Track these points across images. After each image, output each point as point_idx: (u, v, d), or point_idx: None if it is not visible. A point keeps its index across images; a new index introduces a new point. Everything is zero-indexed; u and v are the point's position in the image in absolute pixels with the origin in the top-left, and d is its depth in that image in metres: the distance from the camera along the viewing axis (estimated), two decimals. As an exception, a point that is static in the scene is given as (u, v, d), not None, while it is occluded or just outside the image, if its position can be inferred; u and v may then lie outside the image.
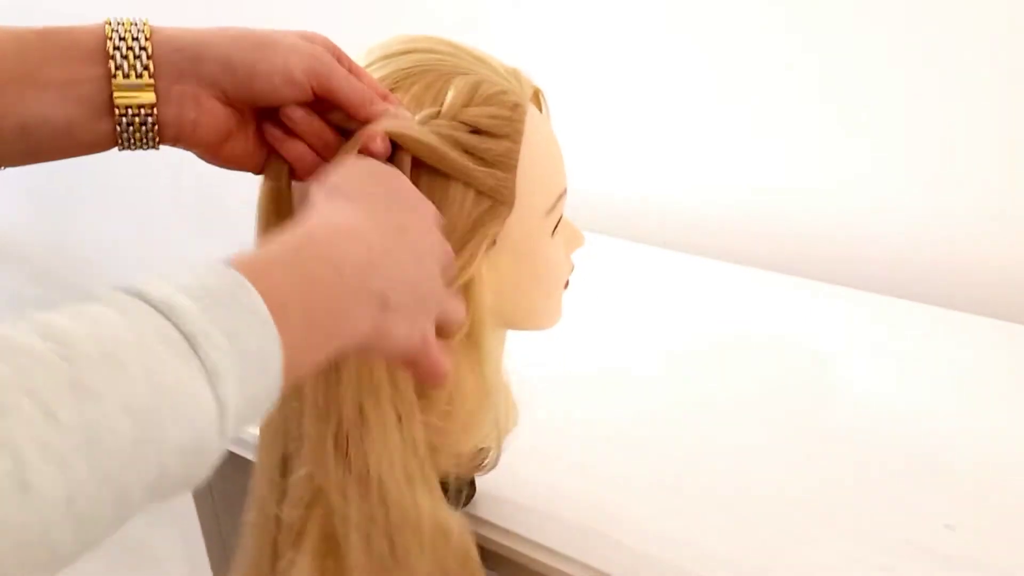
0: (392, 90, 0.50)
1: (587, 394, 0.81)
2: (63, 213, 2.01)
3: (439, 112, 0.48)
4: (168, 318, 0.30)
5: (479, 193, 0.49)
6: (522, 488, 0.67)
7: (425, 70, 0.50)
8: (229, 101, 0.45)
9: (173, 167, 1.68)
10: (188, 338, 0.30)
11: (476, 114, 0.49)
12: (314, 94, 0.46)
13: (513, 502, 0.65)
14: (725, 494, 0.67)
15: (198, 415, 0.29)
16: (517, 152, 0.51)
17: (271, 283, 0.33)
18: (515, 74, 0.54)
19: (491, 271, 0.53)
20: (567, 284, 0.61)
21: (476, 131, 0.49)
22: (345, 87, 0.46)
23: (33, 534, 0.25)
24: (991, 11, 0.89)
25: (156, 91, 0.43)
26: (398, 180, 0.45)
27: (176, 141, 0.46)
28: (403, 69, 0.50)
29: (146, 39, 0.43)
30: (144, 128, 0.44)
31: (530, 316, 0.59)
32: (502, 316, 0.58)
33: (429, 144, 0.47)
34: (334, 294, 0.36)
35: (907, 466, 0.70)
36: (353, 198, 0.41)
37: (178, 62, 0.44)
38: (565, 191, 0.56)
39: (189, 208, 1.73)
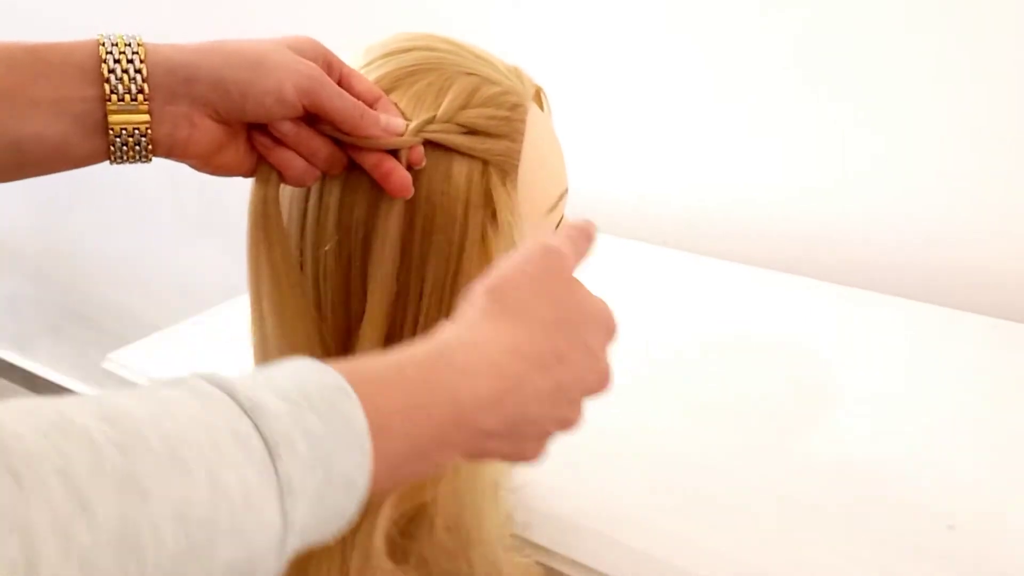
0: (392, 89, 0.50)
1: (587, 394, 0.81)
2: (63, 213, 2.01)
3: (435, 117, 0.48)
4: (251, 417, 0.27)
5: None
6: (520, 487, 0.67)
7: (427, 69, 0.50)
8: (221, 119, 0.46)
9: (173, 168, 1.68)
10: (268, 444, 0.26)
11: (475, 115, 0.49)
12: (304, 110, 0.46)
13: (508, 500, 0.65)
14: (725, 493, 0.67)
15: (259, 534, 0.26)
16: (518, 151, 0.50)
17: (379, 401, 0.31)
18: (516, 73, 0.54)
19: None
20: None
21: (474, 132, 0.49)
22: (336, 104, 0.46)
23: None
24: (991, 10, 0.89)
25: (150, 112, 0.44)
26: (575, 293, 0.41)
27: (168, 155, 0.47)
28: (404, 67, 0.50)
29: (140, 61, 0.43)
30: (137, 146, 0.45)
31: None
32: None
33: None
34: (444, 431, 0.33)
35: (907, 466, 0.70)
36: (514, 314, 0.38)
37: (171, 84, 0.44)
38: (566, 190, 0.56)
39: (189, 209, 1.73)
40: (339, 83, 0.48)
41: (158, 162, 0.50)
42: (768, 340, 0.91)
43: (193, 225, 1.75)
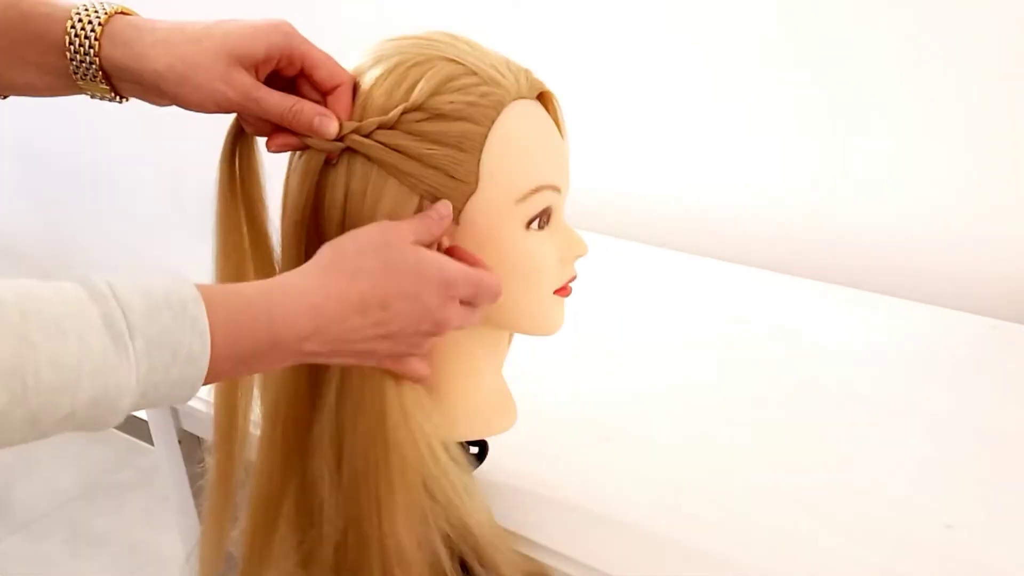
0: (374, 67, 0.54)
1: (585, 393, 0.81)
2: (63, 213, 2.02)
3: (378, 122, 0.53)
4: (122, 309, 0.39)
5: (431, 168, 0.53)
6: (520, 486, 0.67)
7: (416, 55, 0.54)
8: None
9: (174, 169, 1.68)
10: (129, 326, 0.39)
11: (440, 100, 0.53)
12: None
13: (510, 500, 0.65)
14: (724, 494, 0.67)
15: (112, 382, 0.38)
16: (480, 135, 0.54)
17: (212, 316, 0.42)
18: (514, 69, 0.56)
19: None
20: (568, 291, 0.61)
21: (436, 116, 0.53)
22: (268, 111, 0.53)
23: None
24: (991, 11, 0.89)
25: (110, 85, 0.53)
26: (409, 255, 0.50)
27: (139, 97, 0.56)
28: (395, 53, 0.55)
29: (95, 54, 0.51)
30: (109, 98, 0.55)
31: (513, 316, 0.60)
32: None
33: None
34: (262, 348, 0.45)
35: (907, 465, 0.71)
36: (344, 268, 0.48)
37: (122, 75, 0.53)
38: (550, 188, 0.57)
39: (190, 210, 1.73)
40: (301, 70, 0.54)
41: (159, 163, 0.52)
42: (768, 340, 0.91)
43: (193, 226, 1.75)
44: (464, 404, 0.61)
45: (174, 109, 0.56)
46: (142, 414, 0.93)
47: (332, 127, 0.53)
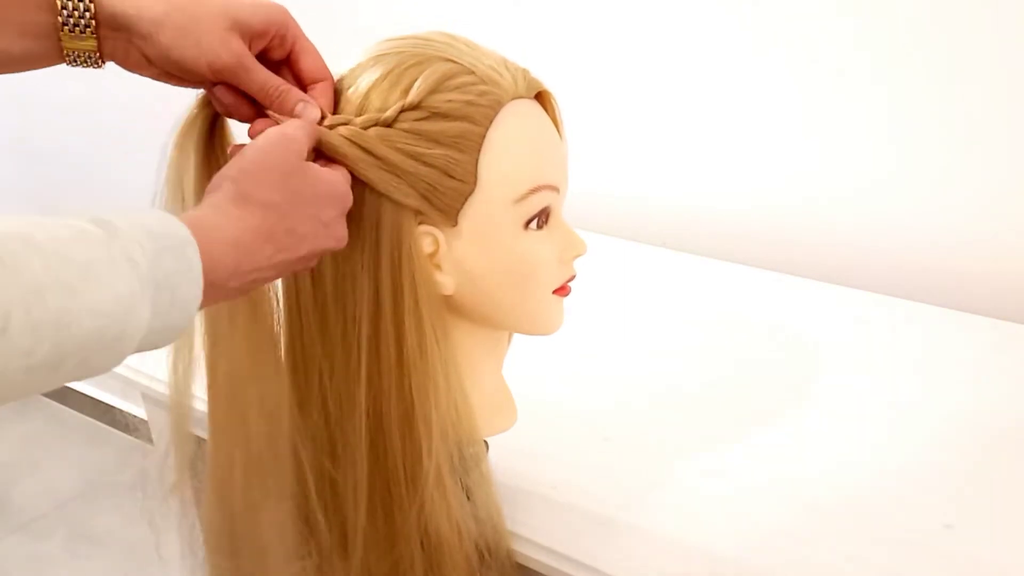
0: (388, 65, 0.54)
1: (585, 393, 0.81)
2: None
3: (378, 119, 0.53)
4: (141, 250, 0.39)
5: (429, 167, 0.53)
6: (520, 486, 0.67)
7: (413, 55, 0.54)
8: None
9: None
10: (141, 269, 0.38)
11: (438, 100, 0.53)
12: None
13: (510, 500, 0.65)
14: (724, 494, 0.67)
15: (131, 321, 0.38)
16: (478, 134, 0.54)
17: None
18: (512, 69, 0.56)
19: (452, 252, 0.56)
20: (567, 290, 0.61)
21: (434, 115, 0.53)
22: (252, 86, 0.53)
23: None
24: (991, 12, 0.89)
25: (98, 38, 0.51)
26: (307, 175, 0.49)
27: (120, 65, 0.54)
28: (395, 52, 0.55)
29: (90, 1, 0.50)
30: (89, 60, 0.52)
31: (513, 316, 0.60)
32: (474, 310, 0.59)
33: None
34: (205, 292, 0.44)
35: (906, 465, 0.71)
36: (257, 205, 0.47)
37: (114, 24, 0.51)
38: (549, 188, 0.57)
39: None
40: (287, 57, 0.54)
41: (158, 163, 0.52)
42: (768, 340, 0.91)
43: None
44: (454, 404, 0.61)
45: (175, 109, 0.55)
46: (142, 414, 0.93)
47: (315, 113, 0.53)
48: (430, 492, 0.56)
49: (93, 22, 0.50)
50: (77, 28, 0.50)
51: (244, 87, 0.53)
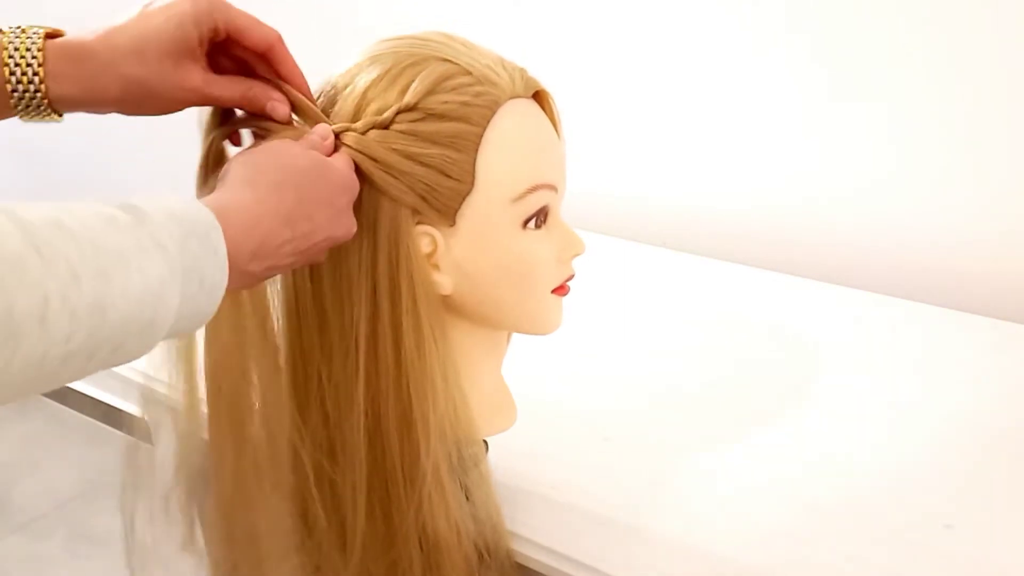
0: (385, 66, 0.54)
1: (585, 393, 0.81)
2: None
3: (375, 122, 0.53)
4: (169, 236, 0.38)
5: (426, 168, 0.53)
6: (520, 486, 0.67)
7: (410, 55, 0.55)
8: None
9: (175, 171, 1.68)
10: (171, 255, 0.38)
11: (434, 101, 0.53)
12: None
13: (510, 500, 0.65)
14: (724, 493, 0.67)
15: (162, 313, 0.38)
16: (475, 134, 0.54)
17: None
18: (510, 68, 0.56)
19: (450, 252, 0.56)
20: (566, 290, 0.61)
21: (431, 116, 0.53)
22: (225, 102, 0.54)
23: (36, 356, 0.33)
24: (992, 12, 0.89)
25: (59, 114, 0.52)
26: (319, 163, 0.50)
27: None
28: (395, 52, 0.55)
29: (43, 95, 0.50)
30: (43, 117, 0.52)
31: (511, 316, 0.60)
32: (473, 310, 0.59)
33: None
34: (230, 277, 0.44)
35: (906, 465, 0.70)
36: (273, 186, 0.47)
37: (75, 106, 0.51)
38: (546, 187, 0.57)
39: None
40: (226, 40, 0.53)
41: (160, 164, 0.52)
42: (768, 341, 0.91)
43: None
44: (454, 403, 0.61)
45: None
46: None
47: (283, 111, 0.54)
48: (428, 492, 0.56)
49: (49, 110, 0.51)
50: (38, 112, 0.51)
51: (219, 106, 0.54)
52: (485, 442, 0.64)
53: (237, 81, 0.54)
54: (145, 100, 0.51)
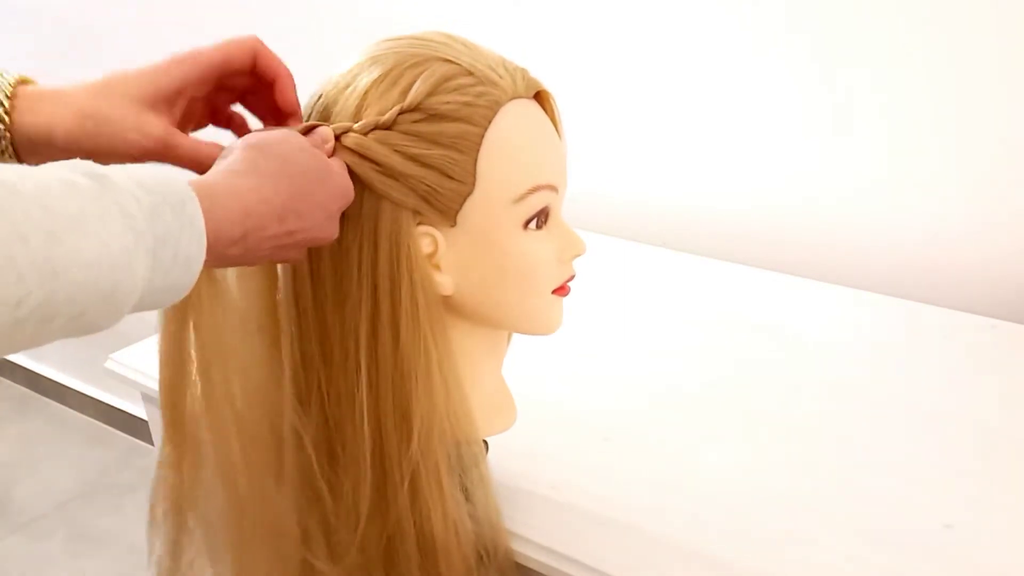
0: (386, 66, 0.54)
1: (585, 393, 0.81)
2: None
3: (376, 123, 0.53)
4: (137, 203, 0.38)
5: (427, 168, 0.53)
6: (520, 486, 0.67)
7: (411, 55, 0.54)
8: None
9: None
10: (139, 222, 0.38)
11: (436, 101, 0.53)
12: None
13: (510, 500, 0.65)
14: (724, 494, 0.67)
15: (125, 282, 0.37)
16: (476, 135, 0.54)
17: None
18: (511, 69, 0.56)
19: (451, 253, 0.56)
20: (567, 290, 0.61)
21: (432, 117, 0.53)
22: (182, 161, 0.52)
23: None
24: (992, 11, 0.89)
25: (18, 157, 0.50)
26: (318, 161, 0.50)
27: None
28: (396, 52, 0.55)
29: (6, 129, 0.49)
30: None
31: (512, 317, 0.60)
32: (474, 311, 0.59)
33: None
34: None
35: (907, 465, 0.71)
36: (272, 176, 0.47)
37: (33, 147, 0.50)
38: (548, 188, 0.57)
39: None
40: (261, 86, 0.54)
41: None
42: (768, 340, 0.91)
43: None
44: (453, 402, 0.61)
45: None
46: (142, 414, 0.93)
47: None
48: (427, 492, 0.56)
49: (11, 147, 0.50)
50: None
51: (175, 163, 0.52)
52: (485, 442, 0.63)
53: (200, 144, 0.53)
54: (98, 135, 0.50)
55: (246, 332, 0.57)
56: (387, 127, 0.53)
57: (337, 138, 0.54)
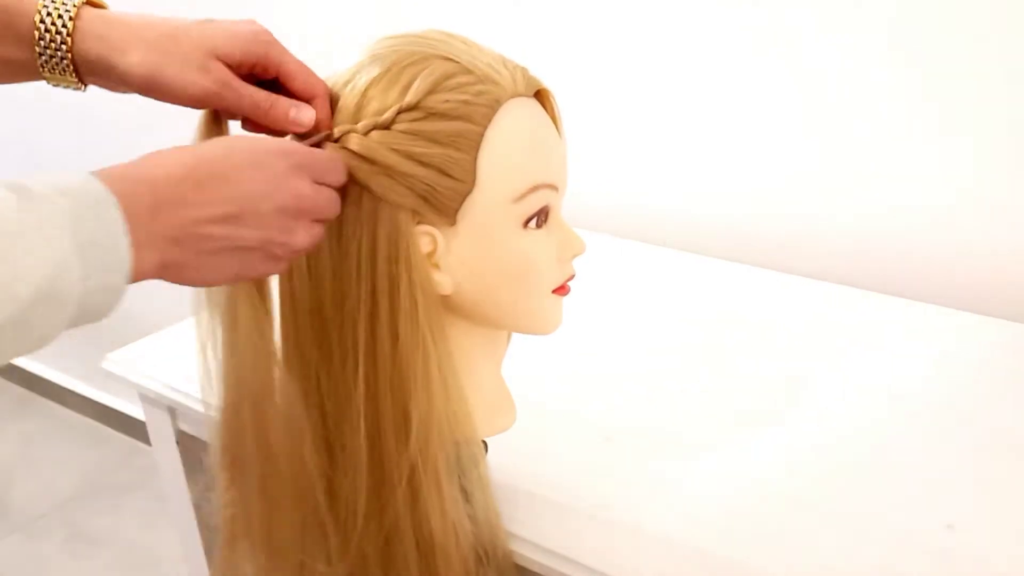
0: (386, 64, 0.54)
1: (585, 393, 0.81)
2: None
3: (379, 121, 0.53)
4: (61, 211, 0.38)
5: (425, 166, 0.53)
6: (520, 486, 0.67)
7: (411, 54, 0.54)
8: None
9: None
10: (71, 231, 0.38)
11: (436, 100, 0.53)
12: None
13: (510, 500, 0.65)
14: (724, 493, 0.67)
15: (59, 291, 0.38)
16: (476, 133, 0.54)
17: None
18: (511, 67, 0.56)
19: (450, 252, 0.56)
20: (567, 290, 0.61)
21: (432, 115, 0.53)
22: (241, 107, 0.53)
23: None
24: (992, 12, 0.89)
25: (78, 75, 0.52)
26: (292, 181, 0.48)
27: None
28: (396, 50, 0.55)
29: (68, 49, 0.51)
30: (72, 87, 0.54)
31: (512, 316, 0.60)
32: (473, 310, 0.59)
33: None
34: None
35: (907, 465, 0.71)
36: (194, 153, 0.46)
37: (92, 68, 0.52)
38: (547, 187, 0.57)
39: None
40: (276, 77, 0.54)
41: None
42: (768, 340, 0.91)
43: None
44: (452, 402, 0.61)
45: (174, 109, 0.55)
46: (140, 414, 0.93)
47: (308, 116, 0.53)
48: (426, 492, 0.56)
49: (71, 66, 0.51)
50: (56, 70, 0.52)
51: (234, 107, 0.53)
52: (485, 442, 0.63)
53: (261, 89, 0.53)
54: (162, 74, 0.51)
55: (245, 330, 0.57)
56: (387, 126, 0.53)
57: (337, 140, 0.53)
